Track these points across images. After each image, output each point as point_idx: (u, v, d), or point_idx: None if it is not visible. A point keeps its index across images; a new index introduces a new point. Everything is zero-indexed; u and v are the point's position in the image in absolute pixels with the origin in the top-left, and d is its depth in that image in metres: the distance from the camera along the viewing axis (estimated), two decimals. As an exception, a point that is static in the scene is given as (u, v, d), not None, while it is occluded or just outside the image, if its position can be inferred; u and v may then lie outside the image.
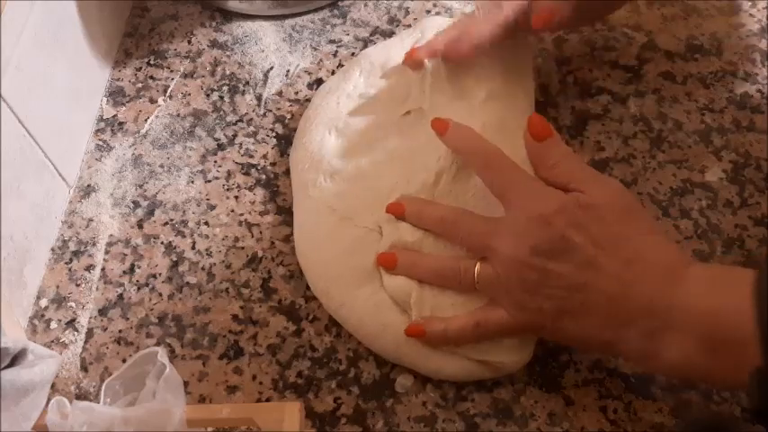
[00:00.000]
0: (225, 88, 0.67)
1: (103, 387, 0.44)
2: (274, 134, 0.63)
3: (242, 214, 0.59)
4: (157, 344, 0.53)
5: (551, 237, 0.45)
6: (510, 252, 0.46)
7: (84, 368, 0.52)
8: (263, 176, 0.61)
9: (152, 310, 0.55)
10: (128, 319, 0.54)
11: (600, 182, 0.48)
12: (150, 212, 0.59)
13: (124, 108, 0.66)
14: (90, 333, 0.54)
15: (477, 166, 0.50)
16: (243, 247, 0.57)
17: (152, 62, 0.69)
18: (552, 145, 0.48)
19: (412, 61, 0.58)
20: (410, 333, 0.49)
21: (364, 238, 0.51)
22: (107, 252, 0.58)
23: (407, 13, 0.71)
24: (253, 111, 0.65)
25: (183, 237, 0.58)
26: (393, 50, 0.62)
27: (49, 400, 0.44)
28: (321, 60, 0.68)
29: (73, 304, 0.55)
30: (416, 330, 0.49)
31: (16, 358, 0.45)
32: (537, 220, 0.45)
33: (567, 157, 0.48)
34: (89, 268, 0.57)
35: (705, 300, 0.42)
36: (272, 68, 0.68)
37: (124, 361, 0.49)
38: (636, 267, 0.44)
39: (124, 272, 0.57)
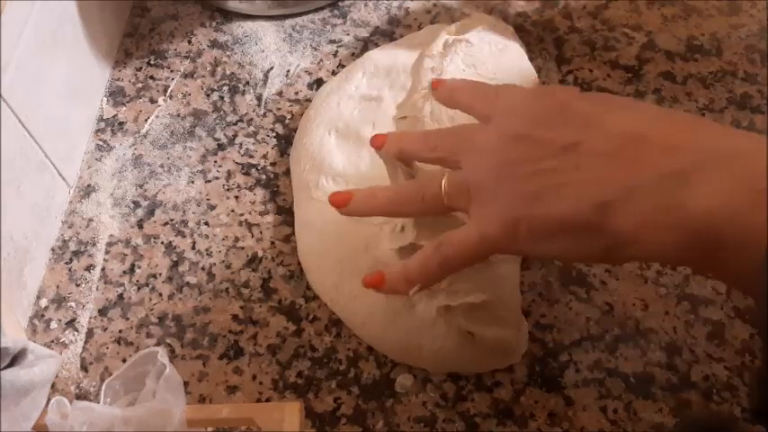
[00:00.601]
0: (225, 88, 0.67)
1: (103, 387, 0.44)
2: (274, 134, 0.63)
3: (242, 214, 0.59)
4: (157, 344, 0.53)
5: (551, 103, 0.39)
6: (496, 132, 0.39)
7: (84, 368, 0.52)
8: (263, 176, 0.61)
9: (152, 310, 0.55)
10: (128, 319, 0.54)
11: None
12: (150, 212, 0.59)
13: (124, 108, 0.66)
14: (90, 333, 0.54)
15: (451, 99, 0.46)
16: (243, 247, 0.57)
17: (152, 62, 0.69)
18: None
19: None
20: (368, 282, 0.43)
21: (377, 234, 0.51)
22: (107, 252, 0.58)
23: (407, 13, 0.71)
24: (253, 111, 0.65)
25: (183, 237, 0.58)
26: (398, 54, 0.62)
27: (49, 400, 0.44)
28: (321, 60, 0.68)
29: (73, 304, 0.55)
30: (375, 278, 0.43)
31: (16, 358, 0.45)
32: (535, 94, 0.40)
33: None
34: (89, 268, 0.57)
35: (752, 149, 0.33)
36: (272, 68, 0.68)
37: (124, 361, 0.49)
38: (650, 119, 0.36)
39: (124, 272, 0.57)
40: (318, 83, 0.66)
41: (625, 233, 0.35)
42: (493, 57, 0.59)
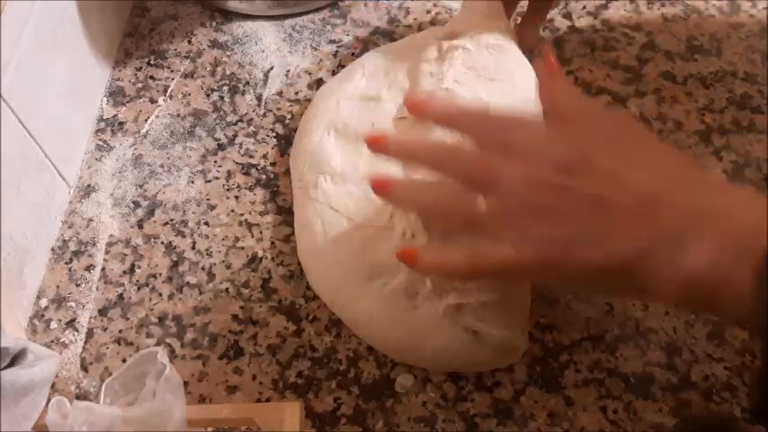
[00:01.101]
0: (225, 88, 0.67)
1: (103, 387, 0.44)
2: (274, 134, 0.63)
3: (242, 214, 0.59)
4: (157, 344, 0.53)
5: (570, 152, 0.42)
6: (523, 173, 0.42)
7: (85, 368, 0.52)
8: (263, 176, 0.61)
9: (152, 310, 0.55)
10: (128, 319, 0.54)
11: (609, 112, 0.49)
12: (150, 212, 0.59)
13: (124, 108, 0.66)
14: (90, 333, 0.54)
15: (463, 124, 0.46)
16: (243, 247, 0.57)
17: (152, 62, 0.69)
18: (563, 76, 0.48)
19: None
20: (403, 254, 0.46)
21: (374, 236, 0.52)
22: (107, 252, 0.58)
23: (407, 13, 0.71)
24: (253, 111, 0.65)
25: (183, 237, 0.58)
26: (398, 54, 0.62)
27: (49, 400, 0.44)
28: (321, 60, 0.68)
29: (73, 304, 0.55)
30: (409, 253, 0.46)
31: (16, 358, 0.45)
32: (554, 138, 0.43)
33: (577, 90, 0.49)
34: (89, 268, 0.57)
35: (741, 209, 0.39)
36: (272, 68, 0.68)
37: (124, 361, 0.49)
38: (663, 178, 0.41)
39: (124, 272, 0.57)
40: (318, 83, 0.66)
41: (643, 281, 0.40)
42: (493, 58, 0.59)
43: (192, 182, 0.61)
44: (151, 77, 0.68)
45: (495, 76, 0.58)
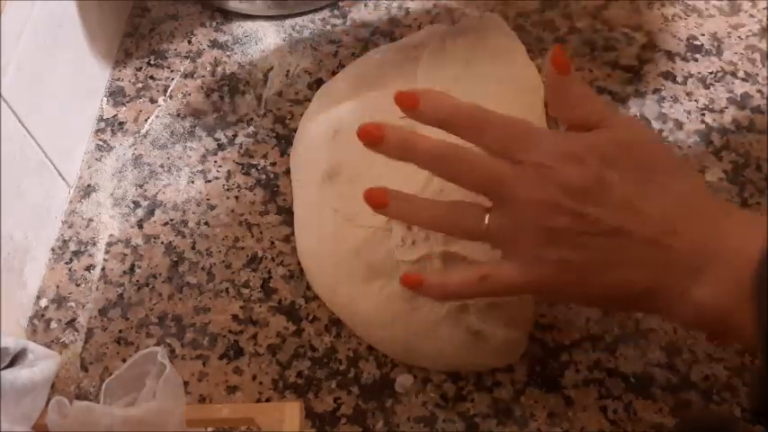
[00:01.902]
0: (225, 88, 0.67)
1: (103, 387, 0.44)
2: (274, 134, 0.63)
3: (242, 214, 0.59)
4: (157, 344, 0.53)
5: (585, 175, 0.40)
6: (535, 193, 0.40)
7: (85, 368, 0.52)
8: (263, 176, 0.61)
9: (152, 310, 0.55)
10: (128, 319, 0.54)
11: (626, 119, 0.48)
12: (150, 212, 0.59)
13: (124, 108, 0.66)
14: (90, 333, 0.54)
15: (469, 130, 0.42)
16: (243, 247, 0.57)
17: (152, 62, 0.69)
18: (574, 81, 0.43)
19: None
20: (406, 280, 0.45)
21: (372, 238, 0.52)
22: (107, 252, 0.58)
23: (407, 13, 0.71)
24: (253, 111, 0.65)
25: (183, 237, 0.58)
26: (398, 54, 0.62)
27: (49, 400, 0.44)
28: (321, 60, 0.68)
29: (73, 304, 0.55)
30: (414, 281, 0.44)
31: (16, 358, 0.45)
32: (567, 157, 0.40)
33: (590, 94, 0.44)
34: (89, 268, 0.57)
35: (752, 244, 0.39)
36: (272, 68, 0.68)
37: (124, 361, 0.49)
38: (678, 205, 0.41)
39: (124, 272, 0.57)
40: (318, 83, 0.66)
41: (654, 307, 0.42)
42: (496, 59, 0.59)
43: (192, 182, 0.61)
44: (151, 77, 0.68)
45: (500, 78, 0.58)
